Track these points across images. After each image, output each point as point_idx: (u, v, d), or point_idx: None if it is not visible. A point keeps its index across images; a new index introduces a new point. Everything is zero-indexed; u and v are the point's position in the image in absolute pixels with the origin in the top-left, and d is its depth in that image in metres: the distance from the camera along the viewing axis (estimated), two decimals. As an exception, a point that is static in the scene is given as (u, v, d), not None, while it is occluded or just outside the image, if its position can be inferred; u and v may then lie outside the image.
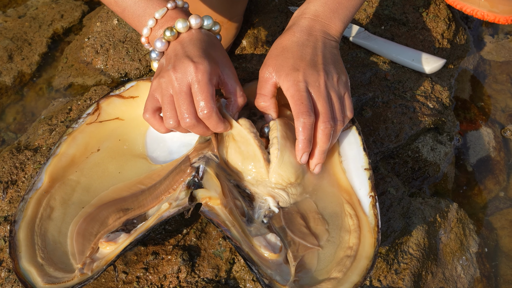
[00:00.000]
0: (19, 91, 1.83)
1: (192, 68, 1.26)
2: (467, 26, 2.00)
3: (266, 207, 1.34)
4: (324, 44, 1.37)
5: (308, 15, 1.39)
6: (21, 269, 1.26)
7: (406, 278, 1.41)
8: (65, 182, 1.39)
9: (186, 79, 1.27)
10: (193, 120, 1.27)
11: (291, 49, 1.35)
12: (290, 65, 1.33)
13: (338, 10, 1.39)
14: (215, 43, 1.36)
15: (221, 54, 1.35)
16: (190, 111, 1.27)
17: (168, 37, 1.32)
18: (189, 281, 1.34)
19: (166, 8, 1.34)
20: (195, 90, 1.27)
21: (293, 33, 1.38)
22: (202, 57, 1.28)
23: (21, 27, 1.94)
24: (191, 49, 1.30)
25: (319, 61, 1.34)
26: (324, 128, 1.31)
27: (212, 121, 1.29)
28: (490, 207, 1.69)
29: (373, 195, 1.32)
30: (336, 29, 1.39)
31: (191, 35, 1.33)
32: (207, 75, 1.27)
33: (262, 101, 1.38)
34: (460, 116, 1.81)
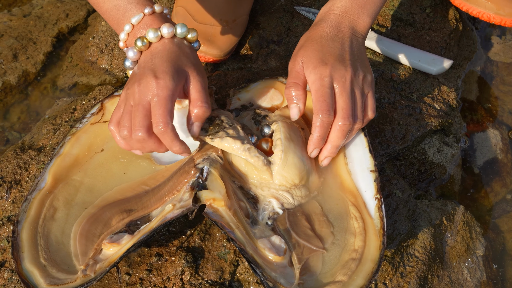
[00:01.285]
0: (24, 90, 1.83)
1: (154, 83, 1.24)
2: (474, 27, 1.99)
3: (270, 209, 1.33)
4: (352, 41, 1.37)
5: (337, 11, 1.39)
6: (23, 269, 1.25)
7: (412, 281, 1.40)
8: (68, 182, 1.39)
9: (147, 93, 1.24)
10: (144, 134, 1.23)
11: (320, 42, 1.35)
12: (318, 58, 1.33)
13: (366, 6, 1.39)
14: (186, 53, 1.33)
15: (190, 63, 1.31)
16: (142, 124, 1.23)
17: (140, 47, 1.31)
18: (193, 283, 1.34)
19: (142, 13, 1.32)
20: (153, 105, 1.24)
21: (322, 28, 1.38)
22: (165, 73, 1.25)
23: (26, 26, 1.94)
24: (157, 62, 1.28)
25: (347, 57, 1.34)
26: (343, 125, 1.31)
27: (167, 138, 1.25)
28: (497, 210, 1.68)
29: (379, 197, 1.32)
30: (364, 25, 1.39)
31: (163, 45, 1.31)
32: (167, 91, 1.24)
33: (293, 90, 1.35)
34: (467, 117, 1.80)
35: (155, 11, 1.33)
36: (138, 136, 1.24)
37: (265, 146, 1.38)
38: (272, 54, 1.76)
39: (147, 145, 1.26)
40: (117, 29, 1.37)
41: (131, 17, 1.33)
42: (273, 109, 1.49)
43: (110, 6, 1.35)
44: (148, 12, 1.32)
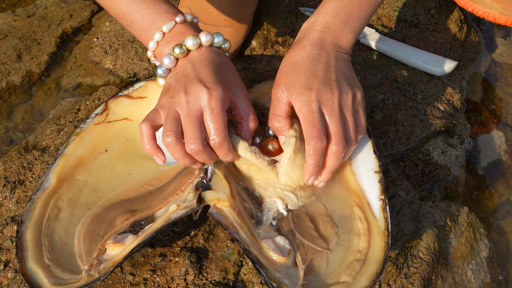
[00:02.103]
0: (28, 91, 1.83)
1: (206, 94, 1.22)
2: (478, 28, 1.99)
3: (274, 209, 1.33)
4: (337, 58, 1.33)
5: (318, 27, 1.34)
6: (27, 269, 1.25)
7: (415, 283, 1.40)
8: (72, 182, 1.39)
9: (198, 104, 1.22)
10: (200, 146, 1.22)
11: (302, 65, 1.30)
12: (302, 83, 1.28)
13: (349, 21, 1.35)
14: (226, 64, 1.32)
15: (233, 75, 1.31)
16: (198, 136, 1.22)
17: (177, 54, 1.28)
18: (197, 283, 1.34)
19: (174, 21, 1.30)
20: (207, 117, 1.22)
21: (303, 47, 1.33)
22: (216, 83, 1.23)
23: (30, 26, 1.94)
24: (203, 72, 1.25)
25: (332, 77, 1.30)
26: (336, 151, 1.28)
27: (223, 150, 1.25)
28: (501, 211, 1.68)
29: (383, 198, 1.32)
30: (347, 41, 1.35)
31: (202, 54, 1.28)
32: (221, 103, 1.22)
33: (276, 122, 1.33)
34: (471, 119, 1.80)
35: (186, 19, 1.31)
36: (193, 149, 1.23)
37: (271, 147, 1.38)
38: (276, 55, 1.76)
39: (200, 157, 1.25)
40: (144, 39, 1.34)
41: (162, 25, 1.30)
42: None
43: (138, 15, 1.32)
44: (180, 21, 1.30)
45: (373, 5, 1.38)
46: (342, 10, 1.34)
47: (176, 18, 1.30)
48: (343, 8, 1.35)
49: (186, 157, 1.25)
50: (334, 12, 1.34)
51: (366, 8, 1.37)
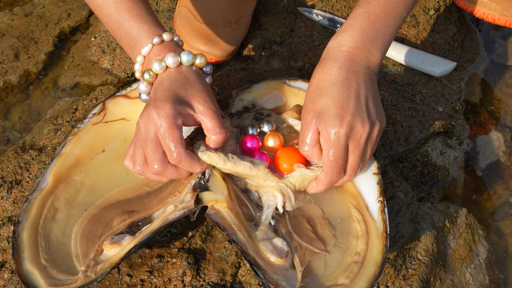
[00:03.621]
0: (25, 90, 1.82)
1: (155, 114, 1.21)
2: (478, 29, 1.98)
3: (274, 205, 1.32)
4: (365, 82, 1.28)
5: (345, 47, 1.29)
6: (24, 270, 1.25)
7: (414, 284, 1.39)
8: (69, 183, 1.39)
9: (152, 126, 1.22)
10: (160, 166, 1.23)
11: (330, 93, 1.26)
12: (332, 114, 1.24)
13: (377, 39, 1.30)
14: (190, 80, 1.29)
15: (195, 90, 1.28)
16: (155, 158, 1.22)
17: (148, 80, 1.29)
18: (194, 284, 1.33)
19: (151, 44, 1.30)
20: (161, 137, 1.22)
21: (329, 70, 1.28)
22: (165, 101, 1.22)
23: (27, 25, 1.93)
24: (158, 94, 1.25)
25: (363, 107, 1.26)
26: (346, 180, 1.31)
27: (185, 165, 1.24)
28: (500, 213, 1.68)
29: (382, 200, 1.31)
30: (375, 61, 1.30)
31: (168, 75, 1.28)
32: (170, 119, 1.21)
33: (305, 148, 1.31)
34: (470, 120, 1.80)
35: (164, 40, 1.31)
36: (154, 169, 1.23)
37: (272, 142, 1.37)
38: (275, 55, 1.76)
39: (166, 175, 1.25)
40: (132, 57, 1.35)
41: (141, 48, 1.31)
42: (276, 110, 1.48)
43: (123, 34, 1.33)
44: (157, 42, 1.30)
45: (398, 20, 1.34)
46: (369, 28, 1.30)
47: (154, 39, 1.30)
48: (370, 25, 1.30)
49: (161, 177, 1.27)
50: (362, 29, 1.30)
51: (392, 23, 1.32)
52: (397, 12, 1.33)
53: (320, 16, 1.80)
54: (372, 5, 1.31)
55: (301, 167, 1.32)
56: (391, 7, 1.32)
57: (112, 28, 1.35)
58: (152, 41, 1.30)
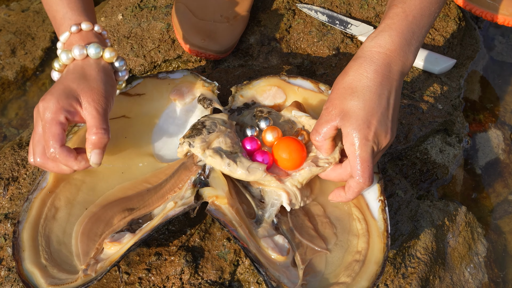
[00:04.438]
0: (22, 86, 1.82)
1: (40, 107, 1.22)
2: (477, 26, 1.98)
3: (278, 204, 1.31)
4: (396, 92, 1.26)
5: (383, 49, 1.26)
6: (24, 270, 1.25)
7: (413, 283, 1.39)
8: (70, 181, 1.38)
9: (37, 118, 1.24)
10: (41, 159, 1.24)
11: (362, 96, 1.23)
12: (360, 118, 1.22)
13: (412, 42, 1.27)
14: (87, 75, 1.28)
15: (87, 86, 1.26)
16: (36, 151, 1.24)
17: (58, 68, 1.30)
18: (193, 282, 1.33)
19: (68, 32, 1.30)
20: (43, 130, 1.22)
21: (365, 72, 1.25)
22: (51, 95, 1.22)
23: (24, 21, 1.92)
24: (53, 85, 1.26)
25: (389, 118, 1.25)
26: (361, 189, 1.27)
27: (61, 160, 1.23)
28: (499, 211, 1.67)
29: (383, 199, 1.31)
30: (409, 65, 1.28)
31: (73, 67, 1.29)
32: (52, 114, 1.21)
33: (316, 138, 1.29)
34: (469, 117, 1.80)
35: (82, 29, 1.31)
36: (36, 162, 1.25)
37: (270, 137, 1.36)
38: (274, 52, 1.75)
39: (47, 169, 1.26)
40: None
41: (60, 35, 1.32)
42: (276, 107, 1.48)
43: (51, 16, 1.35)
44: (75, 31, 1.30)
45: (431, 20, 1.32)
46: (407, 29, 1.27)
47: (72, 27, 1.30)
48: (407, 26, 1.27)
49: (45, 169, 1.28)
50: (400, 30, 1.27)
51: (426, 24, 1.30)
52: (431, 12, 1.31)
53: (319, 13, 1.80)
54: (409, 4, 1.29)
55: (311, 165, 1.31)
56: (426, 6, 1.30)
57: (45, 8, 1.37)
58: (70, 29, 1.30)
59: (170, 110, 1.49)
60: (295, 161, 1.32)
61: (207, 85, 1.50)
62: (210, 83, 1.50)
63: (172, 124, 1.48)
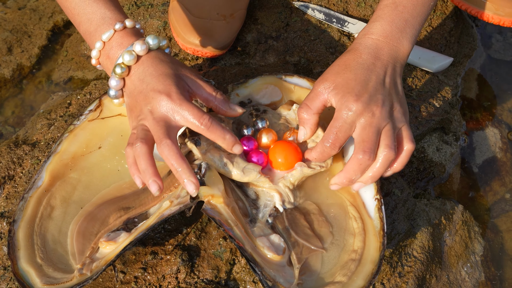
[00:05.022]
0: (18, 84, 1.81)
1: (167, 99, 1.22)
2: (474, 24, 1.98)
3: (271, 205, 1.32)
4: (388, 71, 1.30)
5: (375, 36, 1.31)
6: (19, 269, 1.25)
7: (410, 282, 1.39)
8: (66, 180, 1.38)
9: (163, 110, 1.22)
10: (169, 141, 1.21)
11: (354, 70, 1.28)
12: (350, 89, 1.26)
13: (406, 29, 1.32)
14: (167, 61, 1.29)
15: (178, 67, 1.29)
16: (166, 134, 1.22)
17: (120, 74, 1.27)
18: (188, 281, 1.33)
19: (113, 30, 1.29)
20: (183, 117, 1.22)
21: (359, 54, 1.30)
22: (169, 84, 1.23)
23: (21, 19, 1.92)
24: (152, 82, 1.24)
25: (380, 90, 1.27)
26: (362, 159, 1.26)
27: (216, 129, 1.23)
28: (496, 209, 1.68)
29: (379, 198, 1.31)
30: (404, 51, 1.32)
31: (143, 65, 1.27)
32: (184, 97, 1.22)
33: (304, 112, 1.31)
34: (466, 115, 1.80)
35: (126, 26, 1.30)
36: (165, 144, 1.20)
37: (266, 138, 1.36)
38: (270, 50, 1.75)
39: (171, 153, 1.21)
40: (90, 44, 1.33)
41: (102, 34, 1.29)
42: (272, 105, 1.48)
43: (84, 19, 1.31)
44: (119, 28, 1.28)
45: (426, 9, 1.36)
46: (397, 17, 1.32)
47: (116, 25, 1.28)
48: (398, 15, 1.32)
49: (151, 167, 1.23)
50: (390, 19, 1.32)
51: (420, 13, 1.34)
52: (424, 1, 1.35)
53: (316, 11, 1.79)
54: None
55: (303, 166, 1.31)
56: None
57: (73, 13, 1.33)
58: (114, 27, 1.28)
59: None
60: (291, 165, 1.33)
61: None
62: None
63: (168, 123, 1.48)
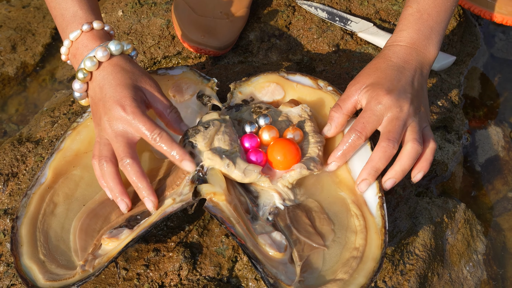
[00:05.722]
0: (22, 82, 1.82)
1: (121, 110, 1.24)
2: (477, 23, 1.98)
3: (271, 203, 1.32)
4: (417, 75, 1.35)
5: (403, 43, 1.37)
6: (22, 266, 1.25)
7: (411, 280, 1.39)
8: (68, 177, 1.38)
9: (118, 124, 1.25)
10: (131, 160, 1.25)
11: (385, 71, 1.33)
12: (381, 86, 1.31)
13: (432, 36, 1.37)
14: (128, 70, 1.30)
15: (138, 76, 1.30)
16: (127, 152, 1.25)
17: (82, 79, 1.29)
18: (191, 278, 1.33)
19: (80, 30, 1.30)
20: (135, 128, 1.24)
21: (389, 58, 1.36)
22: (124, 95, 1.25)
23: (25, 17, 1.92)
24: (111, 91, 1.26)
25: (409, 90, 1.32)
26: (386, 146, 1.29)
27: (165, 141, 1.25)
28: (498, 208, 1.67)
29: (381, 195, 1.31)
30: (430, 57, 1.37)
31: (103, 71, 1.28)
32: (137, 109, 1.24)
33: (334, 111, 1.36)
34: (469, 114, 1.79)
35: (93, 28, 1.31)
36: (126, 163, 1.24)
37: (266, 136, 1.36)
38: (273, 48, 1.75)
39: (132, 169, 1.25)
40: (62, 39, 1.35)
41: (70, 33, 1.31)
42: (274, 103, 1.48)
43: (58, 14, 1.33)
44: (86, 29, 1.30)
45: (449, 14, 1.40)
46: (423, 26, 1.37)
47: (83, 26, 1.30)
48: (423, 24, 1.37)
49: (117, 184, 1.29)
50: (416, 28, 1.37)
51: (444, 19, 1.39)
52: (447, 7, 1.40)
53: (319, 9, 1.79)
54: (423, 4, 1.39)
55: (302, 167, 1.31)
56: (440, 3, 1.39)
57: (50, 6, 1.36)
58: (81, 27, 1.30)
59: (169, 107, 1.49)
60: (290, 163, 1.33)
61: (206, 82, 1.50)
62: (209, 80, 1.50)
63: (171, 120, 1.48)
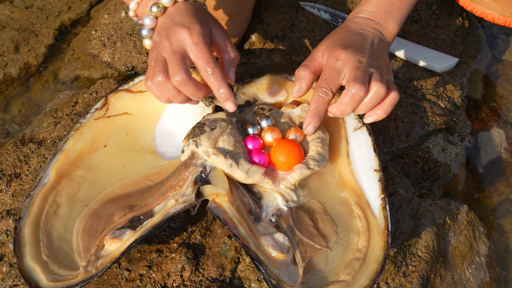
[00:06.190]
0: (25, 83, 1.82)
1: (186, 32, 1.24)
2: (480, 24, 1.98)
3: (274, 205, 1.32)
4: (375, 39, 1.37)
5: (363, 15, 1.40)
6: (25, 266, 1.25)
7: (414, 281, 1.39)
8: (71, 178, 1.38)
9: (181, 42, 1.24)
10: (184, 76, 1.22)
11: (343, 33, 1.37)
12: (338, 44, 1.33)
13: (392, 12, 1.40)
14: (202, 10, 1.33)
15: (210, 17, 1.32)
16: (181, 67, 1.22)
17: (155, 13, 1.30)
18: (193, 279, 1.33)
19: None
20: (193, 53, 1.24)
21: (347, 26, 1.39)
22: (194, 22, 1.25)
23: (28, 18, 1.92)
24: (180, 18, 1.27)
25: (367, 48, 1.34)
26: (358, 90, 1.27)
27: (216, 77, 1.25)
28: (501, 210, 1.67)
29: (383, 197, 1.31)
30: (390, 31, 1.40)
31: (177, 7, 1.30)
32: (203, 37, 1.24)
33: (303, 70, 1.36)
34: (471, 116, 1.79)
35: None
36: (177, 81, 1.23)
37: (269, 137, 1.37)
38: (276, 50, 1.75)
39: (187, 89, 1.24)
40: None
41: None
42: (277, 105, 1.48)
43: None
44: None
45: None
46: (384, 1, 1.41)
47: None
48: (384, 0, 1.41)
49: (179, 94, 1.26)
50: (377, 3, 1.41)
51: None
52: None
53: (322, 11, 1.80)
54: None
55: (302, 168, 1.32)
56: None
57: None
58: None
59: (172, 108, 1.49)
60: (292, 164, 1.33)
61: (209, 83, 1.50)
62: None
63: (174, 121, 1.48)
